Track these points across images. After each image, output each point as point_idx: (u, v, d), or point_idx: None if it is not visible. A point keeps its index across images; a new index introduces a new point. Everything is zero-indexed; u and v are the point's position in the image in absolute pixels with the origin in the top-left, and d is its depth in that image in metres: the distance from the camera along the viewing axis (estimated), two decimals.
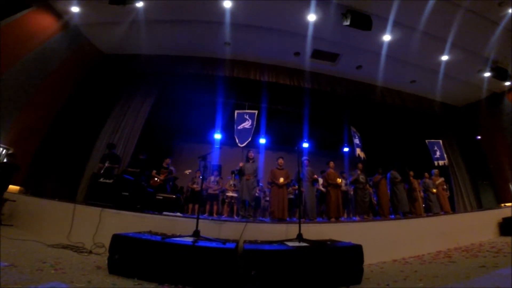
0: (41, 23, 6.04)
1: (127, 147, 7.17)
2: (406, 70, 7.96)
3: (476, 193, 9.02)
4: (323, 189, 6.63)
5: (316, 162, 7.37)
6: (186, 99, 8.70)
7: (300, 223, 3.54)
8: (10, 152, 5.49)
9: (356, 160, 7.29)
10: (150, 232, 3.40)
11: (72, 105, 7.11)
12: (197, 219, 3.27)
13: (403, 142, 10.00)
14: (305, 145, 9.09)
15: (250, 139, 5.99)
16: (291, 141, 9.39)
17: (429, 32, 6.38)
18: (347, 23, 5.84)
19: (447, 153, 8.32)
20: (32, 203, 4.62)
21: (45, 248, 3.32)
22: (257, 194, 6.81)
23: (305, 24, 6.42)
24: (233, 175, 6.83)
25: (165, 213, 4.82)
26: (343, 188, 6.82)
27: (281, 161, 5.87)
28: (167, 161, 6.78)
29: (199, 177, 6.87)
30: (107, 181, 5.13)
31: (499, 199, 8.42)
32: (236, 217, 6.14)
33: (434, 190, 7.20)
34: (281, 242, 3.29)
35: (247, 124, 6.11)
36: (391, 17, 6.01)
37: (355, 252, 2.91)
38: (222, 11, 6.14)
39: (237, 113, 6.23)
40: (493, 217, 5.74)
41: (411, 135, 9.78)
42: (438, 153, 7.96)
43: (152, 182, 6.45)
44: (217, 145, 8.66)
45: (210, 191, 6.82)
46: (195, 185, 6.83)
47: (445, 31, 6.33)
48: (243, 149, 6.14)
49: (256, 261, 2.60)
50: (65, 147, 6.71)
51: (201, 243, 2.79)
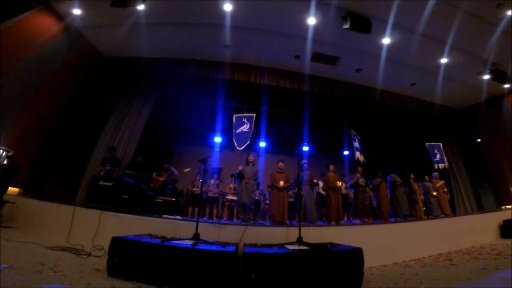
0: (42, 25, 6.06)
1: (127, 149, 7.16)
2: (406, 72, 7.98)
3: (477, 196, 8.99)
4: (323, 192, 6.63)
5: (316, 165, 7.38)
6: (186, 102, 8.72)
7: (300, 226, 3.54)
8: (10, 154, 5.49)
9: (356, 163, 7.28)
10: (149, 235, 3.39)
11: (73, 107, 7.12)
12: (197, 222, 3.26)
13: (403, 145, 10.00)
14: (305, 148, 9.09)
15: (248, 142, 5.99)
16: (291, 144, 9.41)
17: (428, 34, 6.40)
18: (346, 26, 5.87)
19: (447, 156, 8.31)
20: (32, 205, 4.61)
21: (44, 250, 3.30)
22: (257, 197, 6.80)
23: (305, 27, 6.44)
24: (233, 178, 6.82)
25: (165, 216, 4.82)
26: (343, 191, 6.82)
27: (281, 164, 5.87)
28: (166, 165, 6.82)
29: (199, 180, 6.86)
30: (107, 183, 5.13)
31: (500, 201, 8.40)
32: (236, 220, 6.11)
33: (435, 193, 7.19)
34: (281, 245, 3.28)
35: (245, 128, 6.11)
36: (391, 19, 6.04)
37: (355, 255, 2.91)
38: (222, 14, 6.17)
39: (235, 117, 6.24)
40: (493, 219, 5.74)
41: (411, 138, 9.77)
42: (438, 156, 7.95)
43: (153, 184, 6.44)
44: (217, 148, 8.65)
45: (210, 194, 6.80)
46: (195, 188, 6.82)
47: (444, 33, 6.35)
48: (243, 152, 6.14)
49: (256, 264, 2.60)
50: (65, 149, 6.71)
51: (200, 246, 2.79)
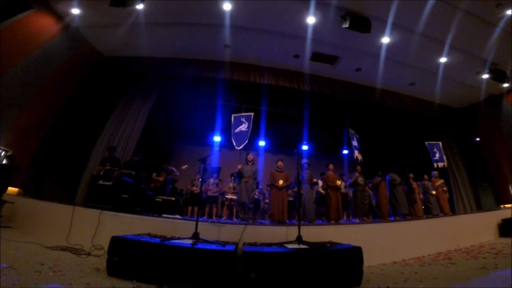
0: (42, 25, 6.05)
1: (126, 149, 7.16)
2: (405, 72, 7.99)
3: (476, 195, 9.02)
4: (322, 191, 6.63)
5: (316, 165, 7.37)
6: (186, 101, 8.71)
7: (299, 225, 3.54)
8: (10, 153, 5.48)
9: (355, 162, 7.29)
10: (149, 235, 3.39)
11: (72, 107, 7.12)
12: (197, 221, 3.26)
13: (402, 144, 10.02)
14: (305, 147, 9.10)
15: (247, 141, 5.98)
16: (291, 143, 9.40)
17: (427, 34, 6.41)
18: (346, 25, 5.87)
19: (446, 155, 8.32)
20: (31, 205, 4.61)
21: (43, 250, 3.30)
22: (256, 197, 6.80)
23: (304, 27, 6.45)
24: (233, 177, 6.82)
25: (164, 215, 4.81)
26: (343, 190, 6.82)
27: (280, 163, 5.87)
28: (166, 166, 6.84)
29: (198, 179, 6.86)
30: (106, 183, 5.12)
31: (499, 200, 8.42)
32: (235, 219, 6.11)
33: (434, 192, 7.20)
34: (280, 244, 3.29)
35: (243, 127, 6.11)
36: (390, 19, 6.04)
37: (354, 254, 2.91)
38: (222, 13, 6.16)
39: (234, 116, 6.24)
40: (492, 218, 5.75)
41: (410, 137, 9.79)
42: (437, 155, 7.96)
43: (153, 185, 6.44)
44: (216, 148, 8.65)
45: (209, 193, 6.80)
46: (194, 188, 6.82)
47: (443, 33, 6.36)
48: (242, 151, 6.14)
49: (256, 263, 2.60)
50: (64, 149, 6.70)
51: (200, 246, 2.79)
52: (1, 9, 5.18)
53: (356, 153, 7.22)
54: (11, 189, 5.23)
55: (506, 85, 7.97)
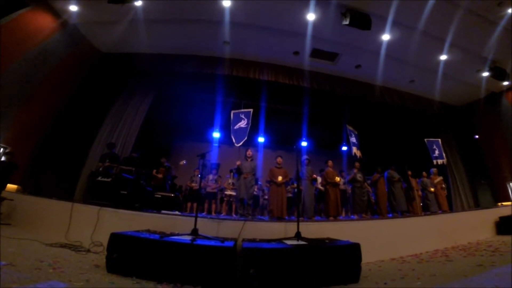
0: (39, 22, 5.99)
1: (125, 145, 7.15)
2: (405, 69, 7.96)
3: (474, 192, 9.06)
4: (321, 187, 6.65)
5: (315, 161, 7.38)
6: (185, 98, 8.68)
7: (298, 221, 3.55)
8: (8, 150, 5.46)
9: (354, 158, 7.30)
10: (148, 231, 3.40)
11: (71, 104, 7.08)
12: (196, 217, 3.27)
13: (402, 141, 10.03)
14: (304, 144, 9.10)
15: (246, 138, 5.97)
16: (290, 140, 9.40)
17: (428, 31, 6.37)
18: (346, 22, 5.84)
19: (445, 152, 8.34)
20: (30, 202, 4.60)
21: (43, 247, 3.31)
22: (255, 193, 6.81)
23: (304, 24, 6.40)
24: (232, 173, 6.83)
25: (163, 211, 4.82)
26: (342, 186, 6.84)
27: (279, 159, 5.88)
28: (164, 160, 6.80)
29: (197, 175, 6.86)
30: (105, 179, 5.12)
31: (497, 198, 8.46)
32: (234, 215, 6.14)
33: (432, 189, 7.23)
34: (279, 240, 3.30)
35: (243, 124, 6.09)
36: (390, 16, 6.01)
37: (353, 250, 2.92)
38: (221, 10, 6.11)
39: (233, 113, 6.22)
40: (490, 216, 5.77)
41: (410, 134, 9.80)
42: (437, 152, 7.97)
43: (154, 182, 6.44)
44: (215, 144, 8.65)
45: (208, 189, 6.81)
46: (193, 184, 6.83)
47: (444, 30, 6.33)
48: (241, 147, 6.13)
49: (255, 259, 2.61)
50: (63, 146, 6.69)
51: (199, 242, 2.80)
52: None
53: (355, 149, 7.22)
54: (10, 186, 5.23)
55: (506, 83, 7.97)
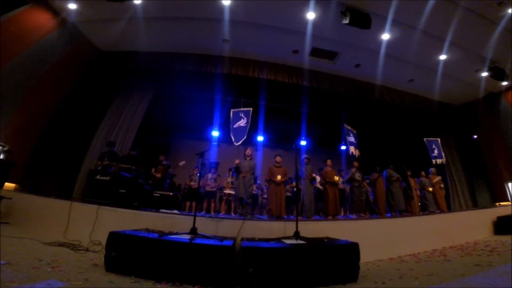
0: (38, 20, 5.96)
1: (124, 144, 7.13)
2: (405, 69, 7.95)
3: (472, 192, 9.09)
4: (320, 187, 6.66)
5: (314, 160, 7.39)
6: (184, 96, 8.66)
7: (297, 220, 3.55)
8: (6, 148, 5.43)
9: (352, 158, 7.31)
10: (147, 230, 3.39)
11: (70, 102, 7.05)
12: (194, 216, 3.27)
13: (401, 141, 10.04)
14: (303, 143, 9.11)
15: (245, 137, 5.98)
16: (289, 139, 9.42)
17: (428, 31, 6.36)
18: (346, 21, 5.82)
19: (444, 152, 8.37)
20: (29, 201, 4.57)
21: (41, 246, 3.29)
22: (254, 192, 6.82)
23: (304, 22, 6.38)
24: (231, 172, 6.83)
25: (162, 210, 4.82)
26: (340, 186, 6.86)
27: (278, 158, 5.88)
28: (162, 158, 6.77)
29: (196, 174, 6.86)
30: (104, 178, 5.10)
31: (494, 198, 8.50)
32: (233, 214, 6.15)
33: (430, 189, 7.26)
34: (278, 239, 3.31)
35: (242, 122, 6.09)
36: (390, 15, 5.99)
37: (351, 250, 2.93)
38: (221, 8, 6.08)
39: (233, 111, 6.22)
40: (488, 216, 5.80)
41: (409, 134, 9.82)
42: (436, 151, 7.99)
43: (152, 181, 6.43)
44: (215, 142, 8.64)
45: (207, 188, 6.82)
46: (192, 183, 6.83)
47: (444, 30, 6.32)
48: (240, 146, 6.13)
49: (254, 258, 2.61)
50: (62, 144, 6.66)
51: (198, 241, 2.79)
52: None
53: (352, 148, 7.23)
54: (9, 185, 5.20)
55: (505, 83, 7.98)
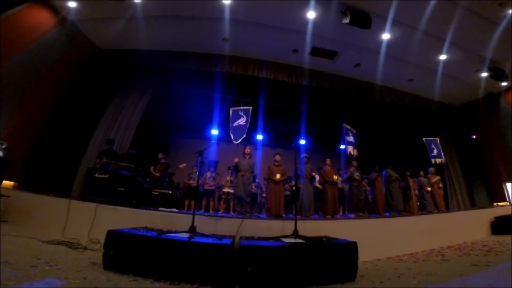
0: (37, 18, 5.95)
1: (123, 142, 7.12)
2: (405, 68, 7.96)
3: (470, 192, 9.12)
4: (319, 186, 6.68)
5: (313, 159, 7.40)
6: (183, 95, 8.64)
7: (296, 219, 3.55)
8: (5, 146, 5.41)
9: (351, 157, 7.32)
10: (145, 228, 3.38)
11: (69, 100, 7.03)
12: (193, 215, 3.26)
13: (400, 140, 10.06)
14: (302, 142, 9.11)
15: (244, 135, 5.97)
16: (289, 137, 9.42)
17: (428, 31, 6.37)
18: (346, 21, 5.82)
19: (443, 152, 8.38)
20: (27, 199, 4.55)
21: (39, 244, 3.28)
22: (253, 190, 6.83)
23: (304, 22, 6.37)
24: (230, 171, 6.83)
25: (161, 209, 4.81)
26: (339, 185, 6.87)
27: (278, 157, 5.88)
28: (161, 155, 6.75)
29: (195, 172, 6.86)
30: (102, 176, 5.09)
31: (492, 198, 8.53)
32: (232, 213, 6.15)
33: (429, 189, 7.28)
34: (277, 238, 3.31)
35: (242, 121, 6.09)
36: (391, 15, 6.00)
37: (350, 249, 2.93)
38: (221, 7, 6.07)
39: (232, 110, 6.22)
40: (485, 216, 5.83)
41: (408, 134, 9.83)
42: (435, 151, 8.01)
43: (150, 179, 6.41)
44: (214, 141, 8.64)
45: (206, 187, 6.82)
46: (191, 181, 6.82)
47: (444, 30, 6.32)
48: (240, 145, 6.13)
49: (252, 257, 2.61)
50: (61, 142, 6.64)
51: (197, 239, 2.79)
52: None
53: (350, 148, 7.24)
54: (7, 183, 5.19)
55: (504, 83, 8.00)
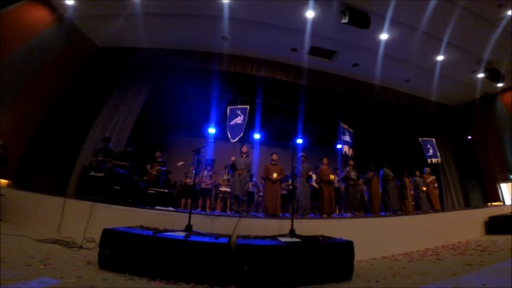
0: (35, 16, 5.89)
1: (119, 140, 7.06)
2: (402, 69, 8.00)
3: (465, 192, 9.21)
4: (316, 185, 6.69)
5: (310, 158, 7.42)
6: (181, 93, 8.60)
7: (292, 218, 3.56)
8: (0, 143, 5.34)
9: (347, 156, 7.35)
10: (141, 227, 3.37)
11: (65, 98, 6.95)
12: (190, 213, 3.25)
13: (397, 140, 10.12)
14: (299, 141, 9.12)
15: (242, 134, 5.97)
16: (286, 136, 9.43)
17: (426, 31, 6.38)
18: (345, 20, 5.82)
19: (439, 152, 8.45)
20: (22, 197, 4.49)
21: (34, 243, 3.25)
22: (250, 189, 6.82)
23: (303, 21, 6.36)
24: (227, 169, 6.82)
25: (157, 207, 4.78)
26: (336, 184, 6.89)
27: (275, 156, 5.88)
28: (158, 154, 6.72)
29: (192, 171, 6.83)
30: (98, 174, 5.04)
31: (486, 198, 8.62)
32: (229, 212, 6.14)
33: (424, 189, 7.34)
34: (273, 237, 3.31)
35: (239, 120, 6.09)
36: (389, 15, 6.01)
37: (346, 248, 2.95)
38: (220, 5, 6.04)
39: (230, 108, 6.21)
40: (479, 216, 5.90)
41: (405, 134, 9.90)
42: (431, 151, 8.07)
43: (147, 178, 6.38)
44: (211, 139, 8.62)
45: (203, 185, 6.79)
46: (188, 180, 6.80)
47: (442, 30, 6.35)
48: (237, 143, 6.12)
49: (249, 256, 2.61)
50: (56, 140, 6.57)
51: (193, 238, 2.78)
52: None
53: (346, 148, 7.27)
54: (1, 181, 5.11)
55: (500, 84, 8.06)
